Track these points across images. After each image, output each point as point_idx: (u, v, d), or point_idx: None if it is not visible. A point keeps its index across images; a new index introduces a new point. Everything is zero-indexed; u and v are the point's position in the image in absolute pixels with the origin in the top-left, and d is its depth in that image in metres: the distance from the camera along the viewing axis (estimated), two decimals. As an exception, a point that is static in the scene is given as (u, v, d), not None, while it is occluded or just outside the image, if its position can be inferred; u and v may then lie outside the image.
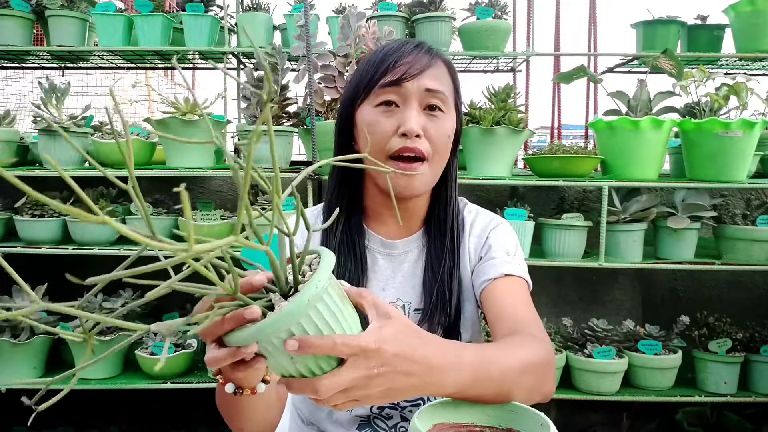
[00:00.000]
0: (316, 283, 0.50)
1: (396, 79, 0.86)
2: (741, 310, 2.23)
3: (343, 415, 0.94)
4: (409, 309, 0.96)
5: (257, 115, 1.93)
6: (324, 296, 0.52)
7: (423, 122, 0.86)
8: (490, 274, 0.91)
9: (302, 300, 0.50)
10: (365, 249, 0.96)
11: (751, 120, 1.73)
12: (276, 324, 0.50)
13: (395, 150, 0.86)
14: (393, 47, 0.90)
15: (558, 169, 1.90)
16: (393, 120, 0.86)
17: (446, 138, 0.89)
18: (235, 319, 0.51)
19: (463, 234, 0.98)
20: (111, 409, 2.28)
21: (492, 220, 1.00)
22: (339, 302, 0.54)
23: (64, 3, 2.25)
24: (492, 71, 2.83)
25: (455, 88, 0.93)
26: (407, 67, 0.86)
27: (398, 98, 0.87)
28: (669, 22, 2.33)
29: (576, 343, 2.02)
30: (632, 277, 2.30)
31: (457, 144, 0.96)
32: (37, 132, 1.97)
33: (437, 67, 0.89)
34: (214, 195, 2.36)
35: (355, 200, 0.96)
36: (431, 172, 0.89)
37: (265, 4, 2.38)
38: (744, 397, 1.95)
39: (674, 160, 2.06)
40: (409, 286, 0.96)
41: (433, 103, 0.87)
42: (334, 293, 0.54)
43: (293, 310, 0.49)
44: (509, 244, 0.98)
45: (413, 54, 0.87)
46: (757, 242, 1.89)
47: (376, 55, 0.90)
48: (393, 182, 0.87)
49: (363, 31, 1.77)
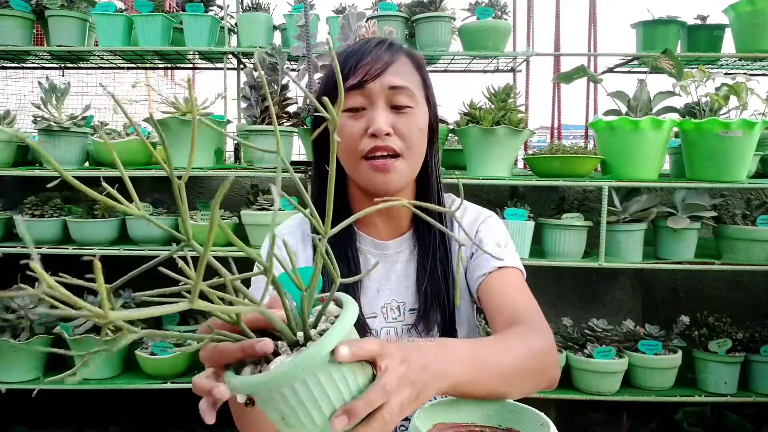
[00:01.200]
0: (344, 325, 0.47)
1: (358, 82, 0.85)
2: (741, 310, 2.23)
3: None
4: (404, 309, 0.96)
5: (257, 115, 1.94)
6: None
7: (391, 120, 0.85)
8: (485, 269, 0.91)
9: (319, 354, 0.45)
10: (357, 252, 0.96)
11: (751, 120, 1.73)
12: (284, 378, 0.45)
13: (367, 150, 0.85)
14: (354, 49, 0.89)
15: (558, 169, 1.90)
16: (361, 122, 0.86)
17: (418, 132, 0.88)
18: (244, 349, 0.48)
19: (452, 230, 0.99)
20: (111, 409, 2.28)
21: (480, 213, 1.00)
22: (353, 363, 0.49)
23: (64, 3, 2.25)
24: (492, 71, 2.83)
25: (423, 80, 0.91)
26: (368, 67, 0.85)
27: (364, 100, 0.86)
28: (669, 22, 2.32)
29: (576, 343, 2.02)
30: (632, 277, 2.30)
31: (434, 136, 0.95)
32: (37, 132, 1.97)
33: (400, 62, 0.88)
34: (214, 195, 2.36)
35: (342, 206, 0.96)
36: (408, 167, 0.88)
37: (265, 4, 2.38)
38: (744, 397, 1.95)
39: (674, 160, 2.06)
40: (403, 287, 0.96)
41: (400, 102, 0.86)
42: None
43: (307, 364, 0.45)
44: (499, 236, 0.98)
45: (373, 53, 0.86)
46: (757, 242, 1.89)
47: (338, 59, 0.89)
48: (370, 180, 0.87)
49: (363, 31, 1.77)
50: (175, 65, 2.82)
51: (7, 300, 1.91)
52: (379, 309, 0.96)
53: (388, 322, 0.96)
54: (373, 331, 0.94)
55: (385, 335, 0.95)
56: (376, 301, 0.96)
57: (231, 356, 0.49)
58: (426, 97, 0.91)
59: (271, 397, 0.47)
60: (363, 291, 0.95)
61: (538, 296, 0.88)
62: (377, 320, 0.95)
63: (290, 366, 0.45)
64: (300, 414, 0.47)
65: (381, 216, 0.96)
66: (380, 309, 0.96)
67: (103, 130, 2.06)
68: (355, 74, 0.85)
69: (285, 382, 0.46)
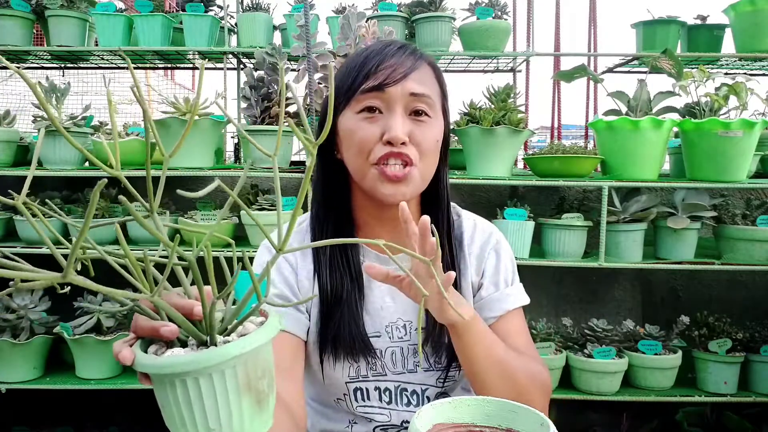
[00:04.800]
0: (244, 345, 0.45)
1: (378, 84, 0.81)
2: (741, 310, 2.23)
3: (362, 429, 0.94)
4: (411, 329, 0.93)
5: (257, 115, 1.94)
6: (242, 365, 0.46)
7: (408, 128, 0.82)
8: (494, 311, 0.90)
9: (226, 353, 0.44)
10: (361, 265, 0.91)
11: (751, 120, 1.73)
12: (166, 368, 0.44)
13: (380, 157, 0.81)
14: (375, 49, 0.85)
15: (558, 169, 1.90)
16: (376, 127, 0.82)
17: (434, 143, 0.85)
18: (153, 328, 0.49)
19: (462, 247, 0.95)
20: (111, 409, 2.28)
21: (490, 235, 0.97)
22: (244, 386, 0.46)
23: (64, 3, 2.25)
24: (492, 71, 2.83)
25: (442, 91, 0.89)
26: (390, 70, 0.81)
27: (381, 104, 0.82)
28: (669, 22, 2.32)
29: (576, 343, 2.02)
30: (632, 277, 2.30)
31: (447, 150, 0.91)
32: (37, 132, 1.97)
33: (422, 69, 0.85)
34: (214, 195, 2.35)
35: (345, 212, 0.92)
36: (419, 178, 0.85)
37: (265, 4, 2.38)
38: (744, 397, 1.95)
39: (674, 160, 2.06)
40: (410, 305, 0.92)
41: (419, 108, 0.83)
42: (253, 369, 0.47)
43: (210, 359, 0.44)
44: (508, 268, 0.95)
45: (396, 56, 0.83)
46: (757, 242, 1.89)
47: (357, 59, 0.85)
48: (378, 189, 0.83)
49: (363, 31, 1.77)
50: (175, 65, 2.82)
51: (7, 300, 1.91)
52: (383, 328, 0.92)
53: (394, 342, 0.92)
54: (377, 351, 0.91)
55: (390, 356, 0.92)
56: (380, 320, 0.92)
57: (142, 331, 0.51)
58: (443, 109, 0.88)
59: (160, 382, 0.46)
60: (366, 308, 0.92)
61: (538, 296, 0.90)
62: (381, 340, 0.92)
63: (177, 359, 0.45)
64: (173, 410, 0.46)
65: (386, 228, 0.92)
66: (385, 328, 0.92)
67: (104, 130, 2.06)
68: (375, 76, 0.82)
69: (167, 372, 0.45)
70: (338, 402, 0.95)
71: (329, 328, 0.89)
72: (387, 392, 0.93)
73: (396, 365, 0.93)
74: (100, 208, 1.97)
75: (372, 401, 0.93)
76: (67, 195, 2.13)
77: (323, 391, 0.97)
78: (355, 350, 0.88)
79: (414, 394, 0.93)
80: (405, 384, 0.93)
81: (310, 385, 1.00)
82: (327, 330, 0.89)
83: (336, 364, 0.90)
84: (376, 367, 0.92)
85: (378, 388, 0.93)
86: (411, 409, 0.92)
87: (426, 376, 0.93)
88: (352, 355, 0.89)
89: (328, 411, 0.99)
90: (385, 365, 0.92)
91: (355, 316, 0.89)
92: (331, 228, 0.91)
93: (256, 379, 0.47)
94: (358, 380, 0.93)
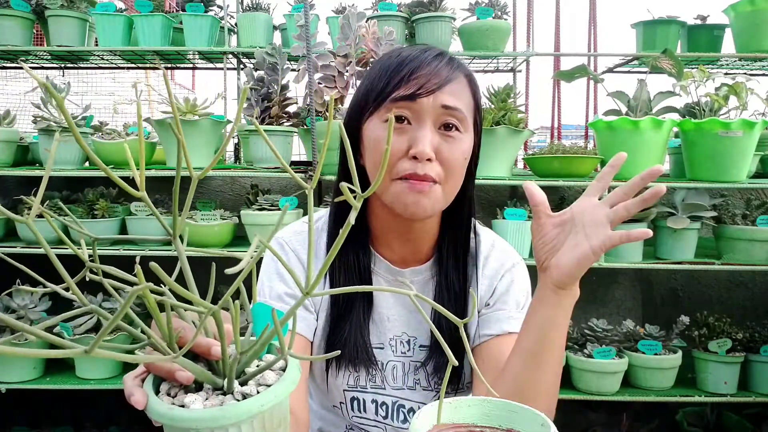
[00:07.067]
0: (263, 402, 0.44)
1: (411, 94, 0.77)
2: (741, 310, 2.23)
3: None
4: (414, 344, 0.91)
5: (257, 115, 1.94)
6: (260, 419, 0.44)
7: (436, 143, 0.78)
8: (492, 329, 0.87)
9: (246, 410, 0.43)
10: (371, 273, 0.90)
11: (751, 120, 1.73)
12: (182, 422, 0.44)
13: (403, 174, 0.77)
14: (411, 54, 0.80)
15: (558, 169, 1.90)
16: (403, 139, 0.78)
17: (462, 161, 0.81)
18: (169, 371, 0.48)
19: (477, 267, 0.91)
20: (111, 409, 2.28)
21: (507, 258, 0.93)
22: None
23: (64, 3, 2.24)
24: (492, 71, 2.82)
25: (476, 104, 0.84)
26: (424, 80, 0.77)
27: (411, 114, 0.78)
28: (669, 22, 2.32)
29: (576, 343, 2.02)
30: (632, 277, 2.30)
31: (475, 166, 0.87)
32: (37, 132, 1.97)
33: (458, 81, 0.80)
34: (214, 195, 2.36)
35: (361, 219, 0.88)
36: (443, 196, 0.81)
37: (265, 4, 2.38)
38: (744, 397, 1.95)
39: (674, 160, 2.06)
40: (415, 320, 0.90)
41: (450, 122, 0.79)
42: (270, 421, 0.45)
43: (233, 414, 0.43)
44: (522, 293, 0.91)
45: (432, 65, 0.78)
46: (757, 242, 1.89)
47: (390, 61, 0.81)
48: (400, 198, 0.79)
49: (363, 31, 1.77)
50: (175, 65, 2.82)
51: (7, 300, 1.91)
52: (387, 340, 0.91)
53: (396, 356, 0.91)
54: (379, 363, 0.90)
55: (391, 370, 0.91)
56: (385, 332, 0.91)
57: (156, 371, 0.50)
58: (474, 122, 0.84)
59: (172, 428, 0.46)
60: (373, 317, 0.90)
61: (538, 296, 0.89)
62: (384, 352, 0.91)
63: (193, 415, 0.44)
64: None
65: (399, 238, 0.89)
66: (389, 341, 0.91)
67: (104, 130, 2.06)
68: (407, 84, 0.77)
69: (181, 426, 0.44)
70: (336, 408, 0.95)
71: (337, 334, 0.88)
72: (384, 406, 0.92)
73: (396, 380, 0.92)
74: (101, 208, 1.97)
75: (368, 414, 0.93)
76: (67, 195, 2.13)
77: (324, 394, 0.97)
78: (357, 359, 0.88)
79: (411, 412, 0.92)
80: (403, 400, 0.92)
81: (312, 387, 1.00)
82: (335, 335, 0.88)
83: (338, 370, 0.90)
84: (375, 379, 0.91)
85: (375, 401, 0.92)
86: (407, 426, 0.91)
87: (424, 395, 0.92)
88: (354, 364, 0.89)
89: (327, 414, 0.99)
90: (384, 378, 0.92)
91: (361, 325, 0.88)
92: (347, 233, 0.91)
93: (273, 430, 0.47)
94: (356, 390, 0.92)
